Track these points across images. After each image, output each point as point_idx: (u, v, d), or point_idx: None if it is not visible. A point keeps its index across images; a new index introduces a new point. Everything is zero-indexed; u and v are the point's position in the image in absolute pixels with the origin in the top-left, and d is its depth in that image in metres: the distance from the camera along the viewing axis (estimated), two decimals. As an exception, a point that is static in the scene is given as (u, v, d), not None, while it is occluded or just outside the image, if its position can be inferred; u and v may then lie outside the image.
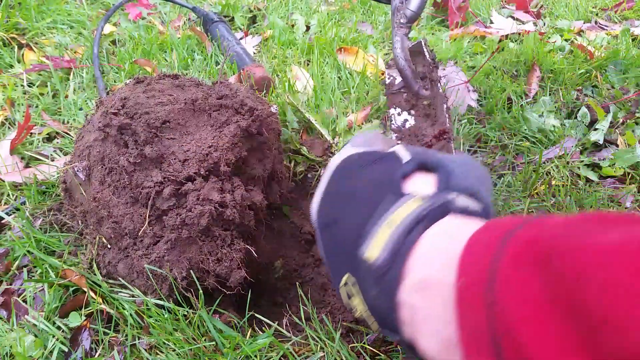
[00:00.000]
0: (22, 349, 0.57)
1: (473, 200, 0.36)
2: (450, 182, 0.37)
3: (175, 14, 1.42)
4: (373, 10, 1.48)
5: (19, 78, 1.06)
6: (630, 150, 0.89)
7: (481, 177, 0.40)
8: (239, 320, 0.60)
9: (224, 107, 0.60)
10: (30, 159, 0.87)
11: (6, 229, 0.72)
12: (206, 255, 0.57)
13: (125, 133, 0.56)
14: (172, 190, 0.55)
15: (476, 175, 0.39)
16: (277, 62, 1.17)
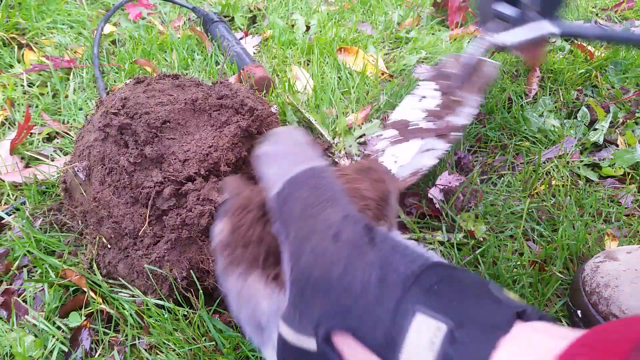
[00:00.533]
0: (22, 349, 0.57)
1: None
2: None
3: (175, 14, 1.42)
4: (373, 10, 1.48)
5: (19, 78, 1.06)
6: (630, 150, 0.89)
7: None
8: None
9: (224, 107, 0.60)
10: (30, 159, 0.87)
11: (6, 229, 0.72)
12: (206, 255, 0.57)
13: (125, 133, 0.56)
14: (172, 190, 0.55)
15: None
16: (277, 62, 1.17)
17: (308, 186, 0.35)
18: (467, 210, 0.79)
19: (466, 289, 0.30)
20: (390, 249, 0.32)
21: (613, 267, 0.62)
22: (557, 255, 0.71)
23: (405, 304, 0.29)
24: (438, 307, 0.28)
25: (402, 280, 0.30)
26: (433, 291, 0.29)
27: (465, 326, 0.27)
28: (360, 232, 0.33)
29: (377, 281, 0.30)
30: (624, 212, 0.81)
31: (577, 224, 0.76)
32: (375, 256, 0.32)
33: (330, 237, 0.33)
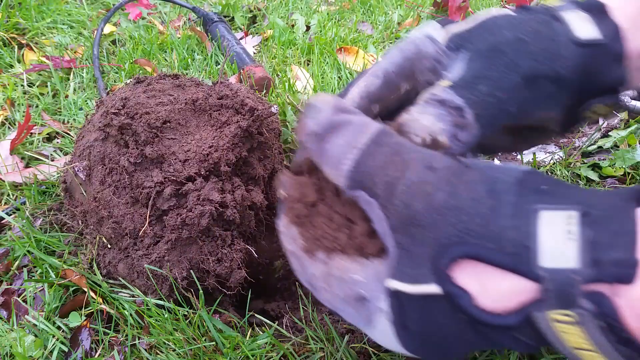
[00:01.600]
0: (22, 349, 0.57)
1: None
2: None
3: (175, 14, 1.42)
4: (373, 10, 1.48)
5: (19, 78, 1.06)
6: (630, 150, 0.89)
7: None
8: (239, 320, 0.60)
9: (225, 107, 0.60)
10: (30, 159, 0.87)
11: (6, 229, 0.72)
12: (206, 255, 0.57)
13: (125, 133, 0.56)
14: (172, 191, 0.55)
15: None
16: (277, 62, 1.17)
17: (385, 145, 0.33)
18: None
19: (572, 185, 0.29)
20: (486, 167, 0.31)
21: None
22: (558, 256, 0.71)
23: (523, 206, 0.28)
24: (556, 201, 0.27)
25: (510, 187, 0.29)
26: (543, 191, 0.28)
27: (595, 206, 0.26)
28: (452, 161, 0.32)
29: (486, 193, 0.29)
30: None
31: (577, 224, 0.76)
32: (476, 175, 0.31)
33: (426, 168, 0.31)
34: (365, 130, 0.34)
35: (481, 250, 0.27)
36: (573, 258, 0.25)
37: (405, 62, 0.40)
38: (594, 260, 0.24)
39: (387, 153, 0.32)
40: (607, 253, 0.24)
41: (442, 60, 0.40)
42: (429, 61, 0.40)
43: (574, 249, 0.25)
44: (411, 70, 0.40)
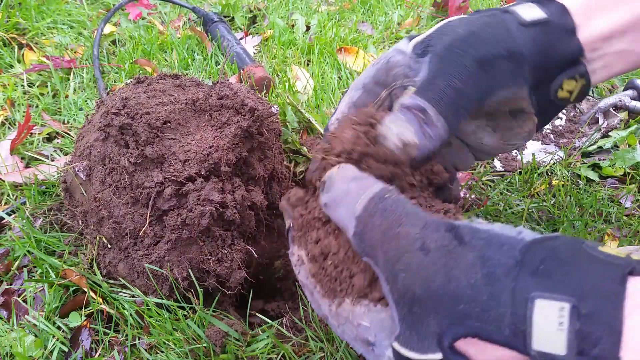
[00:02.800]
0: (22, 349, 0.57)
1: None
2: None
3: (175, 14, 1.42)
4: (373, 10, 1.48)
5: (19, 78, 1.06)
6: (630, 150, 0.89)
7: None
8: (239, 320, 0.60)
9: (225, 107, 0.60)
10: (30, 159, 0.87)
11: (6, 229, 0.72)
12: (207, 255, 0.57)
13: (126, 133, 0.56)
14: (172, 191, 0.55)
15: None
16: (277, 62, 1.17)
17: (377, 213, 0.36)
18: (468, 210, 0.79)
19: (570, 260, 0.30)
20: (483, 243, 0.32)
21: (613, 268, 0.62)
22: (558, 256, 0.71)
23: (520, 293, 0.29)
24: (552, 287, 0.29)
25: (508, 271, 0.30)
26: (541, 272, 0.29)
27: (585, 298, 0.27)
28: (446, 237, 0.33)
29: (485, 279, 0.30)
30: (624, 212, 0.81)
31: (577, 224, 0.76)
32: (473, 255, 0.31)
33: (419, 250, 0.33)
34: (361, 198, 0.37)
35: (480, 331, 0.30)
36: (562, 347, 0.27)
37: (378, 73, 0.46)
38: (580, 350, 0.27)
39: (381, 226, 0.35)
40: (593, 347, 0.27)
41: (411, 65, 0.45)
42: (400, 69, 0.45)
43: (563, 339, 0.27)
44: (385, 79, 0.46)
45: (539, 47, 0.44)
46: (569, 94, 0.46)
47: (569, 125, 1.01)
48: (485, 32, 0.43)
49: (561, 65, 0.45)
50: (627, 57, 0.46)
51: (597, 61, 0.46)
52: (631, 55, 0.46)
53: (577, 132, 0.98)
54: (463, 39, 0.42)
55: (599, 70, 0.46)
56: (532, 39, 0.43)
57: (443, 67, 0.42)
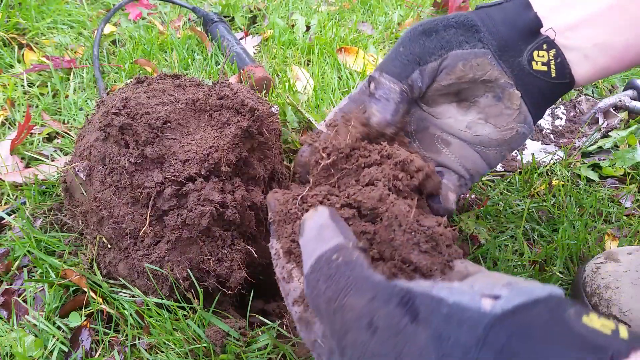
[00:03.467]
0: (22, 349, 0.57)
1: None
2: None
3: (175, 14, 1.42)
4: (373, 10, 1.48)
5: (19, 78, 1.06)
6: (630, 150, 0.89)
7: None
8: (239, 320, 0.60)
9: (225, 107, 0.60)
10: (30, 159, 0.87)
11: (6, 229, 0.72)
12: (207, 255, 0.57)
13: (126, 133, 0.56)
14: (172, 191, 0.55)
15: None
16: (277, 62, 1.17)
17: (323, 277, 0.33)
18: (468, 210, 0.79)
19: (542, 336, 0.26)
20: (441, 319, 0.28)
21: (614, 269, 0.62)
22: (558, 255, 0.71)
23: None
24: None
25: (467, 352, 0.27)
26: (506, 351, 0.26)
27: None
28: (396, 313, 0.29)
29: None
30: (624, 212, 0.81)
31: (577, 224, 0.76)
32: (427, 335, 0.28)
33: (365, 328, 0.29)
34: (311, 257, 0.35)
35: None
36: None
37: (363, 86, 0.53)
38: None
39: (326, 294, 0.32)
40: None
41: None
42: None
43: None
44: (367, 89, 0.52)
45: (494, 19, 0.49)
46: (546, 68, 0.48)
47: (569, 125, 1.01)
48: (440, 17, 0.50)
49: (523, 36, 0.48)
50: (607, 51, 0.47)
51: (573, 51, 0.48)
52: (611, 49, 0.47)
53: (577, 132, 0.98)
54: (418, 25, 0.50)
55: (581, 61, 0.48)
56: (487, 14, 0.49)
57: (395, 47, 0.51)
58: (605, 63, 0.48)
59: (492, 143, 0.52)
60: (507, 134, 0.51)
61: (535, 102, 0.50)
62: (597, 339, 0.25)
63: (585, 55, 0.48)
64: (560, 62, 0.48)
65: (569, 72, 0.48)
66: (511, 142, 0.52)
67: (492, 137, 0.52)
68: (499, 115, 0.51)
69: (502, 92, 0.49)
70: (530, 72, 0.48)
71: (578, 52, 0.48)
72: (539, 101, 0.51)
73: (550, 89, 0.50)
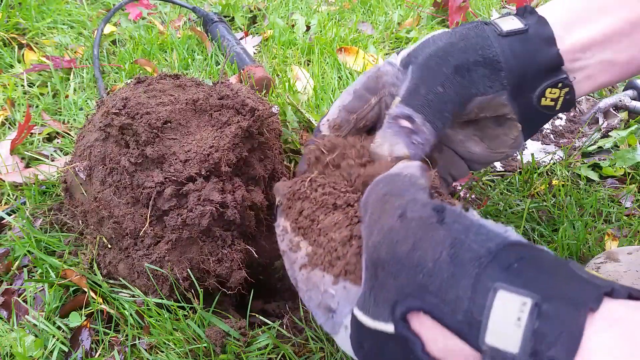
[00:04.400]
0: (22, 349, 0.57)
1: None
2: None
3: (175, 14, 1.42)
4: (373, 10, 1.48)
5: (19, 78, 1.06)
6: (630, 150, 0.89)
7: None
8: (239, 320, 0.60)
9: (225, 107, 0.60)
10: (30, 159, 0.87)
11: (6, 229, 0.72)
12: (207, 255, 0.57)
13: (126, 133, 0.56)
14: (173, 191, 0.55)
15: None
16: (277, 62, 1.17)
17: (384, 182, 0.37)
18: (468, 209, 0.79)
19: (548, 267, 0.28)
20: (462, 228, 0.31)
21: (614, 268, 0.62)
22: (558, 256, 0.71)
23: (483, 281, 0.28)
24: (520, 283, 0.27)
25: (477, 258, 0.29)
26: (513, 269, 0.28)
27: (552, 300, 0.26)
28: (428, 212, 0.33)
29: (449, 259, 0.30)
30: (624, 212, 0.81)
31: (577, 224, 0.76)
32: (445, 234, 0.31)
33: (397, 216, 0.33)
34: (381, 172, 0.39)
35: (435, 309, 0.29)
36: (515, 344, 0.26)
37: (369, 80, 0.50)
38: (534, 351, 0.25)
39: (381, 191, 0.36)
40: (547, 348, 0.25)
41: (398, 76, 0.48)
42: (389, 77, 0.49)
43: (518, 336, 0.26)
44: (375, 86, 0.50)
45: (516, 54, 0.46)
46: (554, 103, 0.48)
47: (569, 125, 1.01)
48: (464, 42, 0.46)
49: (541, 74, 0.46)
50: (610, 68, 0.47)
51: (579, 72, 0.47)
52: (614, 66, 0.47)
53: (577, 132, 0.98)
54: (443, 49, 0.46)
55: (582, 81, 0.47)
56: (510, 47, 0.46)
57: (424, 76, 0.45)
58: (605, 80, 0.48)
59: (480, 160, 0.54)
60: (497, 156, 0.53)
61: (530, 128, 0.51)
62: (596, 280, 0.27)
63: (588, 75, 0.47)
64: (569, 99, 0.48)
65: (573, 104, 0.48)
66: (498, 160, 0.55)
67: (482, 154, 0.53)
68: (495, 138, 0.51)
69: (504, 121, 0.50)
70: (536, 107, 0.48)
71: (582, 72, 0.47)
72: (534, 128, 0.52)
73: (548, 118, 0.51)
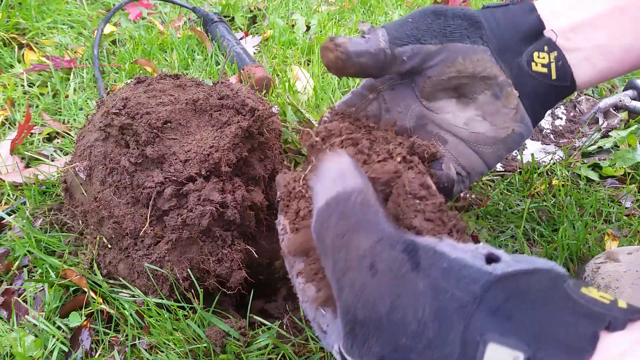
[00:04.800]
0: (23, 349, 0.57)
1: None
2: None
3: (175, 14, 1.42)
4: (373, 10, 1.48)
5: (19, 78, 1.06)
6: (630, 150, 0.89)
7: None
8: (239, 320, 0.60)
9: (225, 107, 0.60)
10: (30, 159, 0.87)
11: (6, 229, 0.72)
12: (207, 255, 0.57)
13: (126, 133, 0.56)
14: (173, 191, 0.55)
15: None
16: (277, 62, 1.17)
17: (336, 213, 0.32)
18: (468, 210, 0.79)
19: (539, 300, 0.26)
20: (440, 272, 0.28)
21: (614, 269, 0.62)
22: (558, 255, 0.71)
23: (472, 333, 0.26)
24: (510, 330, 0.25)
25: (463, 307, 0.27)
26: (502, 311, 0.26)
27: (545, 349, 0.24)
28: (399, 258, 0.29)
29: (433, 314, 0.27)
30: (624, 212, 0.81)
31: (577, 224, 0.76)
32: (425, 284, 0.28)
33: (366, 269, 0.29)
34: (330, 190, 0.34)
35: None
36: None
37: (369, 81, 0.53)
38: None
39: (335, 229, 0.32)
40: None
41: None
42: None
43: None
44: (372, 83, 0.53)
45: (497, 18, 0.49)
46: (547, 70, 0.48)
47: (569, 125, 1.01)
48: (450, 6, 0.50)
49: (524, 37, 0.48)
50: (608, 54, 0.48)
51: (575, 52, 0.48)
52: (611, 52, 0.47)
53: (577, 132, 0.98)
54: (431, 5, 0.50)
55: (581, 63, 0.48)
56: (490, 13, 0.50)
57: (405, 16, 0.50)
58: (606, 65, 0.48)
59: (488, 141, 0.52)
60: (503, 132, 0.51)
61: (534, 103, 0.50)
62: (594, 307, 0.25)
63: (585, 57, 0.48)
64: (561, 65, 0.48)
65: (571, 75, 0.48)
66: (507, 142, 0.52)
67: (489, 134, 0.51)
68: (496, 113, 0.51)
69: (500, 90, 0.50)
70: (529, 73, 0.48)
71: (578, 53, 0.48)
72: (537, 103, 0.50)
73: (550, 92, 0.49)
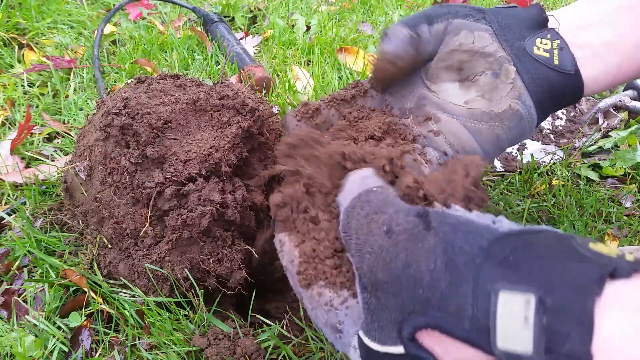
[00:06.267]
0: (23, 349, 0.57)
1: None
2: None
3: (175, 14, 1.42)
4: (373, 10, 1.48)
5: (19, 78, 1.06)
6: (630, 150, 0.89)
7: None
8: (240, 321, 0.60)
9: (226, 107, 0.60)
10: (30, 159, 0.87)
11: (6, 229, 0.72)
12: (207, 255, 0.57)
13: (126, 133, 0.56)
14: (173, 191, 0.55)
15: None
16: (277, 62, 1.17)
17: (361, 203, 0.37)
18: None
19: (545, 252, 0.27)
20: (450, 229, 0.30)
21: (614, 268, 0.62)
22: (558, 256, 0.71)
23: (482, 284, 0.27)
24: (519, 278, 0.26)
25: (472, 260, 0.28)
26: (509, 263, 0.27)
27: (555, 291, 0.25)
28: (412, 220, 0.32)
29: (444, 267, 0.29)
30: (624, 212, 0.81)
31: (577, 224, 0.76)
32: (435, 240, 0.30)
33: (384, 233, 0.32)
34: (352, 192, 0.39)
35: (441, 323, 0.28)
36: (528, 345, 0.25)
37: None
38: (548, 349, 0.24)
39: (360, 215, 0.36)
40: (561, 343, 0.24)
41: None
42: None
43: (529, 336, 0.25)
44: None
45: (500, 11, 0.52)
46: (549, 55, 0.48)
47: (569, 125, 1.01)
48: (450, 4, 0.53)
49: (528, 26, 0.50)
50: (619, 50, 0.48)
51: (581, 48, 0.48)
52: (622, 48, 0.47)
53: (577, 132, 0.98)
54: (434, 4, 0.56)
55: (589, 59, 0.48)
56: (496, 8, 0.52)
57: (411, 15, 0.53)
58: (616, 61, 0.48)
59: (484, 116, 0.51)
60: (499, 107, 0.50)
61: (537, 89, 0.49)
62: (601, 259, 0.26)
63: (594, 53, 0.48)
64: (564, 52, 0.48)
65: (575, 64, 0.48)
66: (504, 119, 0.50)
67: (484, 109, 0.51)
68: (494, 89, 0.51)
69: (499, 67, 0.50)
70: (530, 54, 0.49)
71: (586, 49, 0.48)
72: (540, 89, 0.50)
73: (554, 78, 0.49)
